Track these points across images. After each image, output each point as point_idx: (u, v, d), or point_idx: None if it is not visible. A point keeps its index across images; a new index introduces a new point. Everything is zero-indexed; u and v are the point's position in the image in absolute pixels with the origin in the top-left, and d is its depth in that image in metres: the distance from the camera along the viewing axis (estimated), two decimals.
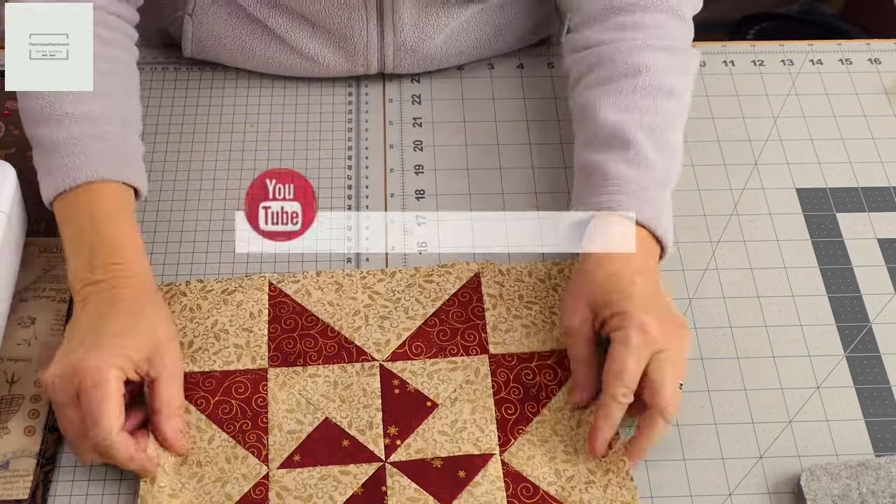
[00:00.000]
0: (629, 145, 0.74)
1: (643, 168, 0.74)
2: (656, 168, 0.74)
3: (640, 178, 0.74)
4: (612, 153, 0.75)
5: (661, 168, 0.75)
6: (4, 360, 0.73)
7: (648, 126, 0.75)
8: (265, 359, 0.74)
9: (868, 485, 0.68)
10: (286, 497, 0.68)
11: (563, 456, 0.70)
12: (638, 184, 0.73)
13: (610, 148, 0.75)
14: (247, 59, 0.89)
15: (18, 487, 0.68)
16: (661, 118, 0.76)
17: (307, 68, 0.89)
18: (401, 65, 0.89)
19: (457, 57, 0.91)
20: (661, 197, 0.74)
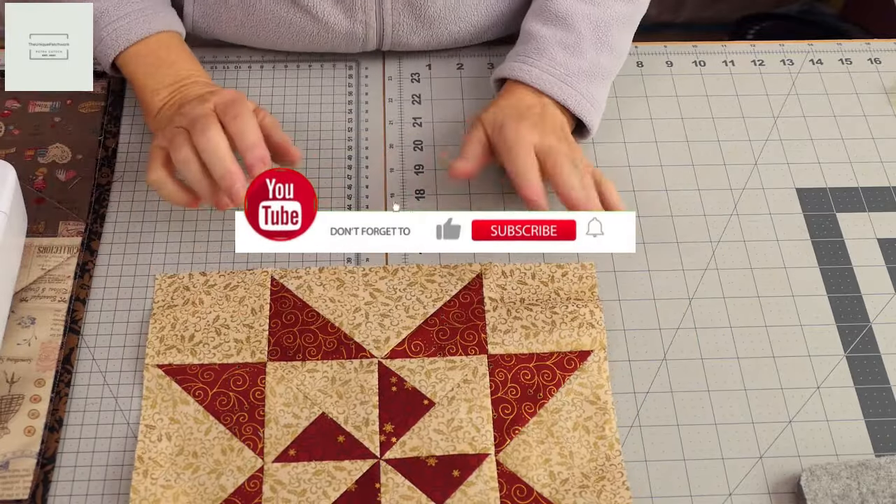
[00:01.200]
0: (571, 30, 0.83)
1: (575, 56, 0.83)
2: (589, 59, 0.83)
3: (568, 64, 0.82)
4: (554, 32, 0.83)
5: (594, 59, 0.83)
6: (4, 360, 0.73)
7: (594, 20, 0.84)
8: (264, 353, 0.74)
9: (868, 485, 0.68)
10: (280, 491, 0.68)
11: (559, 458, 0.70)
12: (566, 68, 0.82)
13: (554, 27, 0.84)
14: (247, 16, 0.88)
15: (18, 487, 0.68)
16: (610, 17, 0.84)
17: (306, 26, 0.88)
18: (400, 21, 0.88)
19: (454, 21, 0.90)
20: (586, 85, 0.82)
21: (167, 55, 0.83)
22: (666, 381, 0.74)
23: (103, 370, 0.74)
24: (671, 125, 0.89)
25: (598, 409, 0.72)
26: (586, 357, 0.74)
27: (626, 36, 0.87)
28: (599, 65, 0.83)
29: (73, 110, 0.87)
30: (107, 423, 0.71)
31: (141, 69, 0.82)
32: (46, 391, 0.71)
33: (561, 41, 0.83)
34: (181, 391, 0.72)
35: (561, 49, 0.83)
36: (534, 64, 0.82)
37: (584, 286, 0.78)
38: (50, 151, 0.85)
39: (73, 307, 0.76)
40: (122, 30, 0.82)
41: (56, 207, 0.81)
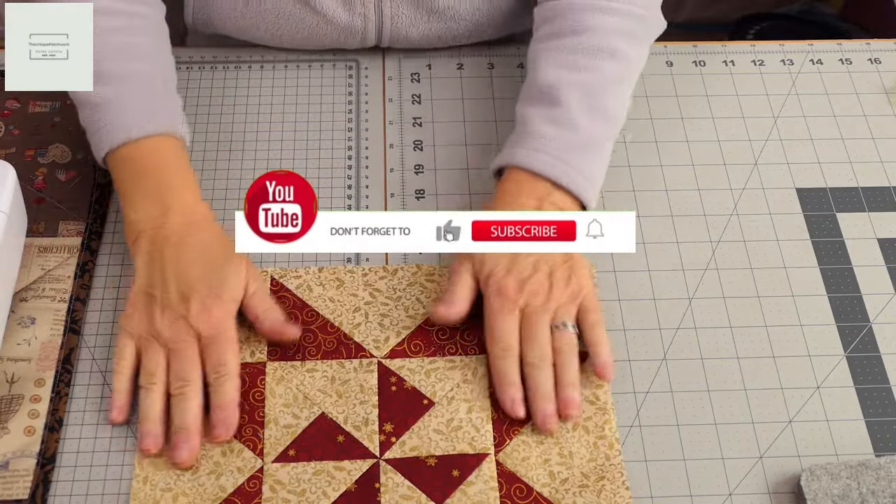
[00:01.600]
0: (557, 104, 0.78)
1: (566, 129, 0.77)
2: (581, 131, 0.77)
3: (559, 138, 0.77)
4: (540, 109, 0.79)
5: (587, 129, 0.77)
6: (4, 360, 0.73)
7: (582, 87, 0.78)
8: (264, 353, 0.74)
9: (868, 485, 0.68)
10: (280, 491, 0.68)
11: (558, 458, 0.70)
12: (557, 143, 0.77)
13: (540, 103, 0.79)
14: (247, 7, 0.88)
15: (18, 487, 0.68)
16: (597, 80, 0.79)
17: (305, 17, 0.88)
18: (398, 13, 0.88)
19: (452, 18, 0.90)
20: (579, 159, 0.77)
21: (158, 166, 0.76)
22: (666, 381, 0.74)
23: (103, 370, 0.74)
24: (671, 125, 0.89)
25: (598, 409, 0.72)
26: (586, 358, 0.74)
27: (620, 97, 0.81)
28: (593, 134, 0.78)
29: (73, 110, 0.87)
30: (107, 423, 0.71)
31: (125, 178, 0.76)
32: (46, 391, 0.71)
33: (549, 117, 0.78)
34: None
35: (549, 124, 0.78)
36: (524, 146, 0.78)
37: None
38: (50, 151, 0.85)
39: (73, 307, 0.76)
40: (117, 124, 0.76)
41: (56, 207, 0.81)
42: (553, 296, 0.73)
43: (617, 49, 0.79)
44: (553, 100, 0.78)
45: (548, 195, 0.76)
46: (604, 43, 0.79)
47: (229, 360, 0.70)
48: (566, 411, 0.70)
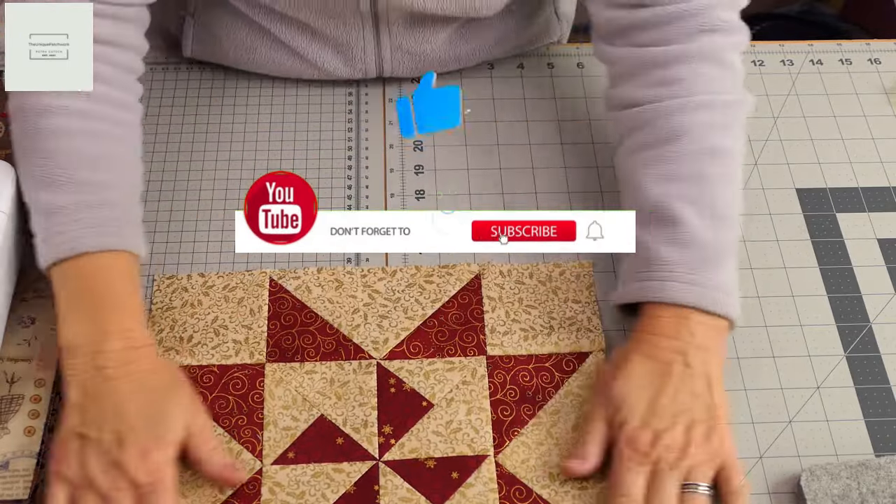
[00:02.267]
0: (673, 223, 0.71)
1: (691, 247, 0.71)
2: (706, 244, 0.71)
3: (687, 259, 0.70)
4: (657, 232, 0.72)
5: (712, 241, 0.71)
6: (4, 360, 0.73)
7: (693, 197, 0.72)
8: (263, 354, 0.74)
9: (868, 485, 0.68)
10: (279, 493, 0.68)
11: (558, 460, 0.70)
12: (687, 265, 0.70)
13: (654, 225, 0.72)
14: (247, 61, 0.89)
15: (18, 487, 0.68)
16: (706, 185, 0.72)
17: (306, 71, 0.89)
18: (399, 68, 0.89)
19: (455, 62, 0.90)
20: (712, 274, 0.70)
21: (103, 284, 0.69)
22: None
23: None
24: None
25: None
26: (585, 359, 0.74)
27: (733, 194, 0.74)
28: (718, 243, 0.72)
29: None
30: None
31: (69, 293, 0.69)
32: (46, 391, 0.71)
33: (668, 239, 0.71)
34: None
35: (672, 247, 0.71)
36: (651, 277, 0.71)
37: (581, 285, 0.78)
38: None
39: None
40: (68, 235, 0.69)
41: None
42: (688, 453, 0.66)
43: (716, 147, 0.73)
44: (667, 219, 0.71)
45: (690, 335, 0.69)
46: (702, 144, 0.73)
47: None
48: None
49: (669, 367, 0.68)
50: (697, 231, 0.71)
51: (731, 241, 0.73)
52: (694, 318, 0.69)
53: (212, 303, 0.76)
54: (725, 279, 0.71)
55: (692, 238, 0.71)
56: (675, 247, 0.71)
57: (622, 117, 0.78)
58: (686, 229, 0.71)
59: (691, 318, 0.69)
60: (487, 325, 0.76)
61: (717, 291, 0.70)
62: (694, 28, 0.75)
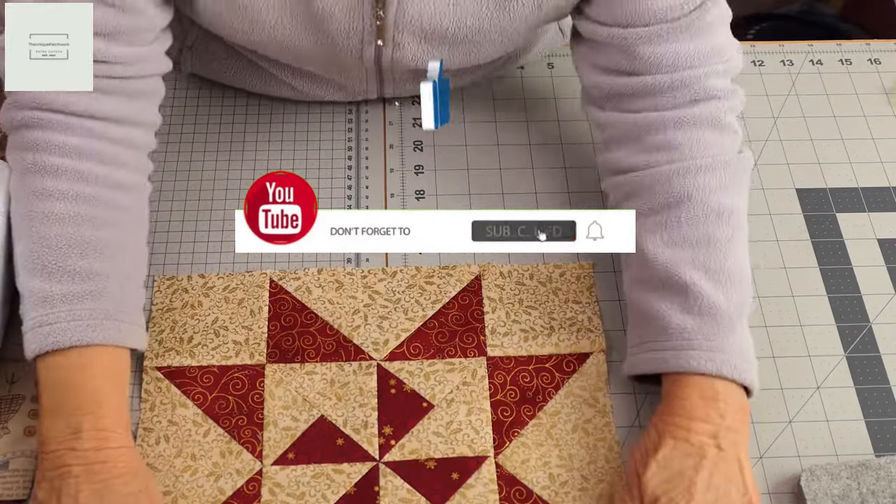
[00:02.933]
0: (686, 291, 0.69)
1: (705, 315, 0.69)
2: (720, 310, 0.69)
3: (702, 328, 0.68)
4: (670, 300, 0.70)
5: (725, 307, 0.69)
6: (4, 360, 0.73)
7: (702, 263, 0.70)
8: (263, 355, 0.74)
9: (868, 485, 0.68)
10: (279, 494, 0.68)
11: (558, 461, 0.70)
12: (703, 334, 0.68)
13: (665, 293, 0.70)
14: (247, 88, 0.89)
15: (18, 487, 0.68)
16: (714, 248, 0.70)
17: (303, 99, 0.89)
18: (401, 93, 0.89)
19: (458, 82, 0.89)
20: (730, 340, 0.68)
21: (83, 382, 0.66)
22: None
23: None
24: None
25: (598, 412, 0.72)
26: (585, 359, 0.74)
27: (741, 253, 0.72)
28: (732, 306, 0.69)
29: None
30: None
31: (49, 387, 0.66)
32: None
33: (682, 307, 0.69)
34: (180, 394, 0.72)
35: (687, 316, 0.69)
36: (668, 347, 0.69)
37: (582, 286, 0.78)
38: None
39: None
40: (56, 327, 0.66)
41: None
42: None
43: (720, 207, 0.71)
44: (679, 287, 0.70)
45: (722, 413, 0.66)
46: (707, 208, 0.71)
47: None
48: None
49: (703, 451, 0.65)
50: (711, 298, 0.69)
51: (744, 304, 0.70)
52: (721, 397, 0.67)
53: (212, 304, 0.76)
54: (743, 345, 0.69)
55: (707, 306, 0.69)
56: (690, 315, 0.69)
57: (617, 182, 0.76)
58: (697, 297, 0.69)
59: (719, 398, 0.67)
60: (488, 326, 0.76)
61: (737, 358, 0.68)
62: (687, 97, 0.73)
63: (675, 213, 0.71)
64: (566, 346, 0.75)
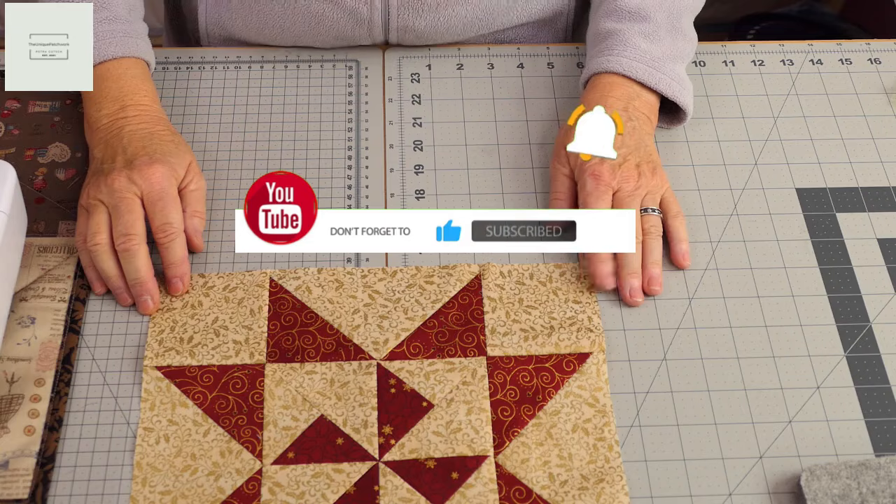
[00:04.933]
0: (647, 20, 0.85)
1: (655, 41, 0.85)
2: (666, 44, 0.85)
3: (652, 50, 0.84)
4: (631, 24, 0.85)
5: (673, 46, 0.86)
6: (4, 360, 0.73)
7: (668, 9, 0.86)
8: (263, 354, 0.74)
9: (868, 485, 0.68)
10: (279, 493, 0.68)
11: (558, 460, 0.70)
12: (651, 54, 0.84)
13: (630, 20, 0.86)
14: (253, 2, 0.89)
15: (18, 487, 0.68)
16: (681, 5, 0.87)
17: (312, 4, 0.88)
18: (406, 5, 0.88)
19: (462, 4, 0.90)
20: (671, 67, 0.85)
21: (121, 77, 0.82)
22: (666, 381, 0.74)
23: (103, 370, 0.74)
24: None
25: (597, 412, 0.72)
26: (585, 359, 0.74)
27: (691, 22, 0.90)
28: (677, 49, 0.86)
29: (73, 110, 0.88)
30: (107, 423, 0.71)
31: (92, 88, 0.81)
32: (46, 391, 0.72)
33: (641, 31, 0.85)
34: (180, 394, 0.72)
35: (642, 38, 0.85)
36: (620, 54, 0.84)
37: (582, 286, 0.78)
38: (50, 151, 0.85)
39: (73, 307, 0.76)
40: None
41: (56, 207, 0.81)
42: (641, 183, 0.79)
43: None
44: (643, 17, 0.85)
45: (637, 96, 0.83)
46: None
47: (175, 220, 0.75)
48: (651, 287, 0.77)
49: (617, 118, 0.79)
50: (664, 33, 0.86)
51: (686, 54, 0.88)
52: (642, 95, 0.83)
53: (212, 303, 0.76)
54: (682, 75, 0.86)
55: (658, 36, 0.85)
56: (645, 39, 0.85)
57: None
58: (656, 28, 0.85)
59: (640, 94, 0.83)
60: (488, 326, 0.76)
61: (674, 81, 0.84)
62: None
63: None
64: (566, 345, 0.75)
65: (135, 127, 0.79)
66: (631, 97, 0.83)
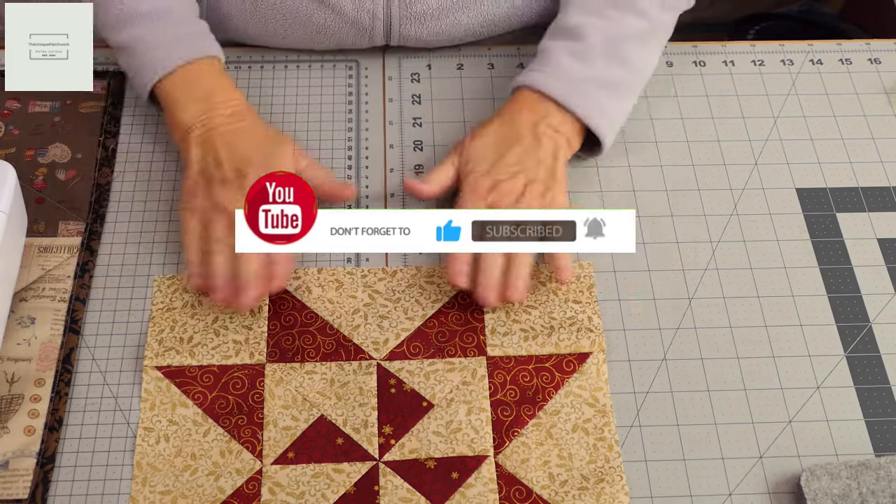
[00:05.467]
0: (581, 39, 0.82)
1: (583, 62, 0.81)
2: (597, 67, 0.80)
3: (578, 70, 0.80)
4: (563, 42, 0.82)
5: (604, 70, 0.81)
6: (4, 360, 0.73)
7: (608, 34, 0.82)
8: (263, 354, 0.74)
9: (868, 485, 0.68)
10: (279, 493, 0.68)
11: (558, 460, 0.70)
12: (573, 73, 0.80)
13: (563, 38, 0.83)
14: (255, 9, 0.88)
15: (18, 487, 0.68)
16: (624, 30, 0.82)
17: (313, 14, 0.88)
18: (407, 15, 0.88)
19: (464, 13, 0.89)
20: (593, 90, 0.80)
21: (201, 78, 0.82)
22: (666, 381, 0.75)
23: (103, 370, 0.74)
24: (671, 125, 0.89)
25: (597, 412, 0.72)
26: (585, 359, 0.74)
27: (644, 52, 0.84)
28: (612, 76, 0.81)
29: (73, 110, 0.87)
30: (107, 423, 0.71)
31: (173, 92, 0.81)
32: (46, 391, 0.72)
33: (569, 49, 0.82)
34: (180, 394, 0.72)
35: (568, 56, 0.81)
36: (540, 70, 0.81)
37: (581, 286, 0.78)
38: (50, 151, 0.85)
39: (73, 307, 0.76)
40: (157, 59, 0.81)
41: (56, 207, 0.81)
42: (522, 201, 0.76)
43: (647, 10, 0.83)
44: (577, 36, 0.82)
45: (548, 115, 0.79)
46: (634, 1, 0.83)
47: None
48: (507, 293, 0.75)
49: (520, 135, 0.78)
50: (596, 55, 0.81)
51: (623, 83, 0.82)
52: (555, 114, 0.79)
53: (212, 303, 0.76)
54: (603, 102, 0.80)
55: (589, 57, 0.81)
56: (572, 58, 0.81)
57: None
58: (587, 49, 0.81)
59: (554, 113, 0.79)
60: (488, 326, 0.76)
61: (589, 103, 0.80)
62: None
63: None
64: (566, 345, 0.75)
65: (229, 125, 0.79)
66: (543, 115, 0.80)
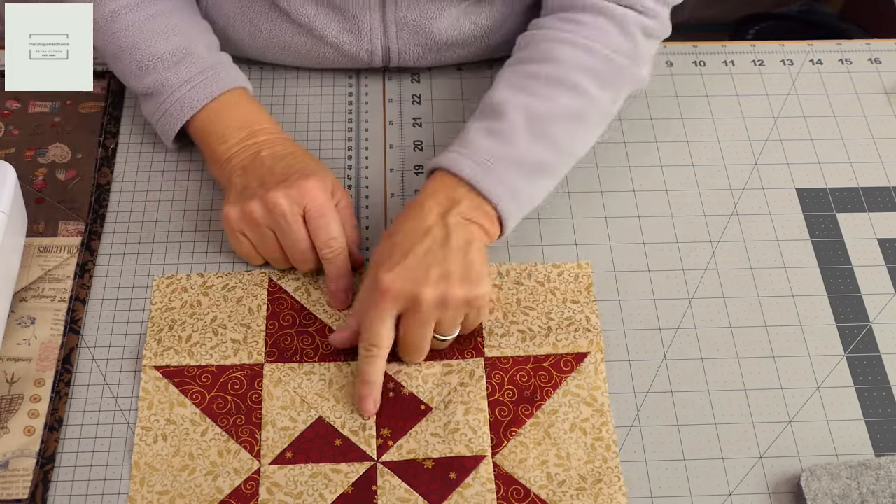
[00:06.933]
0: (500, 118, 0.75)
1: (501, 141, 0.74)
2: (515, 147, 0.74)
3: (492, 149, 0.74)
4: (483, 121, 0.76)
5: (524, 150, 0.74)
6: (4, 360, 0.73)
7: (532, 112, 0.75)
8: (262, 354, 0.74)
9: (868, 485, 0.68)
10: (276, 493, 0.68)
11: (556, 460, 0.70)
12: (489, 153, 0.74)
13: (484, 117, 0.77)
14: (254, 38, 0.88)
15: (18, 487, 0.68)
16: (550, 108, 0.76)
17: (312, 48, 0.88)
18: (405, 48, 0.88)
19: (461, 47, 0.89)
20: (506, 170, 0.73)
21: (233, 109, 0.81)
22: (666, 381, 0.74)
23: (103, 370, 0.74)
24: (671, 125, 0.89)
25: (595, 411, 0.72)
26: (583, 359, 0.74)
27: (577, 133, 0.78)
28: (533, 156, 0.75)
29: (73, 110, 0.88)
30: (107, 423, 0.71)
31: (207, 126, 0.80)
32: (46, 391, 0.72)
33: (487, 128, 0.75)
34: (178, 394, 0.72)
35: (486, 135, 0.75)
36: (457, 151, 0.75)
37: (580, 286, 0.78)
38: (50, 151, 0.85)
39: (73, 307, 0.76)
40: (185, 98, 0.80)
41: (56, 207, 0.81)
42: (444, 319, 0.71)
43: (579, 85, 0.76)
44: (498, 114, 0.75)
45: (459, 202, 0.73)
46: (566, 76, 0.76)
47: (338, 234, 0.74)
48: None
49: (429, 228, 0.71)
50: (515, 134, 0.74)
51: (543, 164, 0.75)
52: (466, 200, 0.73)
53: (211, 303, 0.76)
54: (517, 184, 0.74)
55: (506, 136, 0.74)
56: (489, 137, 0.75)
57: (519, 37, 0.83)
58: (505, 127, 0.75)
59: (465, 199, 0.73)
60: (485, 327, 0.76)
61: (501, 185, 0.73)
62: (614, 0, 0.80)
63: (538, 67, 0.78)
64: (564, 346, 0.75)
65: (271, 149, 0.78)
66: (456, 201, 0.72)
